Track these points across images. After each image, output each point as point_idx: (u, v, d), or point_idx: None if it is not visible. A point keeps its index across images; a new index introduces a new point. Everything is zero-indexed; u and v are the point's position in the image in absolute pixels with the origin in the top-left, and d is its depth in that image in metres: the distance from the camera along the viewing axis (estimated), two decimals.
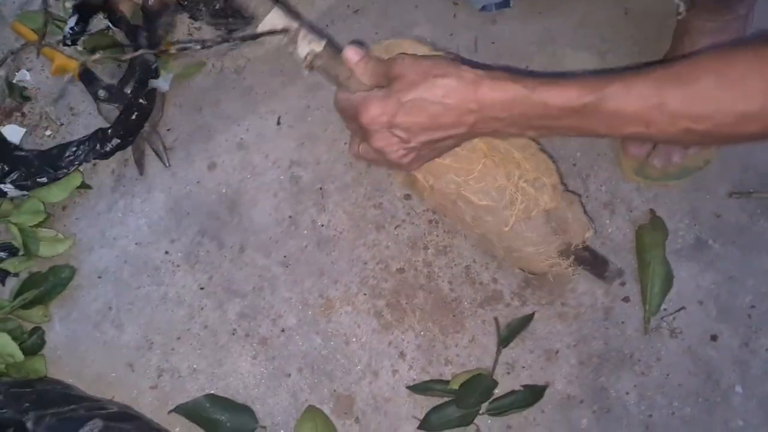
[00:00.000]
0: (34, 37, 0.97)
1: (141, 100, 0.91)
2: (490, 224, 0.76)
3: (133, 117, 0.91)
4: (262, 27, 0.66)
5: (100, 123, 0.96)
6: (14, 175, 0.85)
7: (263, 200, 0.94)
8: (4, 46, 0.99)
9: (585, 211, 0.84)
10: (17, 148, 0.89)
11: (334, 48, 0.68)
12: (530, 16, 1.04)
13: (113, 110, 0.95)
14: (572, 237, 0.81)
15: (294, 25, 0.67)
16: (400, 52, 0.74)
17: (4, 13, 1.01)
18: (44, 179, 0.86)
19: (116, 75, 0.98)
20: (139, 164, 0.94)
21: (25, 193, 0.86)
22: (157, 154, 0.94)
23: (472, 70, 0.63)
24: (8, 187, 0.84)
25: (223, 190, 0.94)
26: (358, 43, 0.70)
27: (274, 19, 0.66)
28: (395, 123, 0.64)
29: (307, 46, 0.67)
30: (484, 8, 1.04)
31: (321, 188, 0.95)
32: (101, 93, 0.95)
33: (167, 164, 0.94)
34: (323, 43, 0.67)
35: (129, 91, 0.92)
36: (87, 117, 0.97)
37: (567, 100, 0.60)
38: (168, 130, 0.97)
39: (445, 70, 0.63)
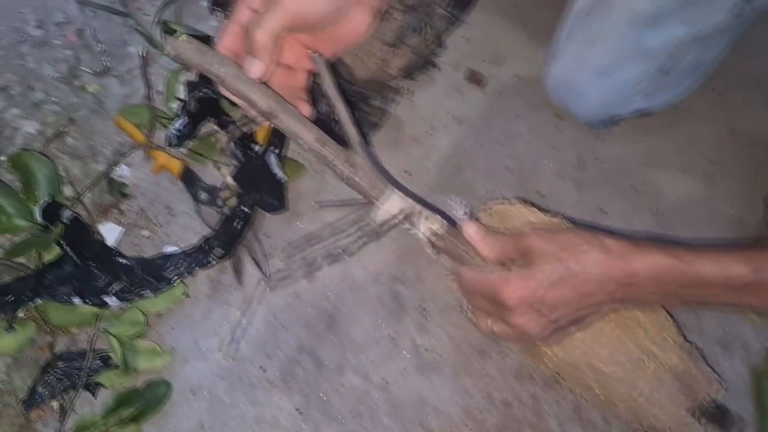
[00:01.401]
0: (136, 132, 0.95)
1: (245, 208, 0.89)
2: (618, 391, 0.73)
3: (237, 224, 0.89)
4: (381, 215, 0.64)
5: (197, 225, 0.94)
6: (117, 286, 0.82)
7: (363, 317, 0.91)
8: (105, 139, 0.97)
9: (706, 361, 0.80)
10: (119, 254, 0.86)
11: (455, 228, 0.66)
12: (636, 135, 1.02)
13: (213, 214, 0.93)
14: (699, 393, 0.77)
15: (412, 207, 0.65)
16: (511, 216, 0.73)
17: (107, 105, 1.00)
18: (148, 291, 0.83)
19: (217, 177, 0.96)
20: (238, 272, 0.91)
21: (126, 303, 0.84)
22: (257, 263, 0.92)
23: (617, 241, 0.61)
24: (111, 299, 0.82)
25: (322, 304, 0.91)
26: (463, 204, 0.69)
27: (393, 204, 0.64)
28: (542, 301, 0.61)
29: (427, 226, 0.65)
30: (589, 124, 1.02)
31: (423, 308, 0.91)
32: (202, 196, 0.93)
33: (267, 274, 0.91)
34: (443, 223, 0.65)
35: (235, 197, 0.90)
36: (185, 218, 0.95)
37: (726, 274, 0.58)
38: (267, 236, 0.95)
39: (589, 242, 0.60)
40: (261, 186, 0.91)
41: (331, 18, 0.60)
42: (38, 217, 0.81)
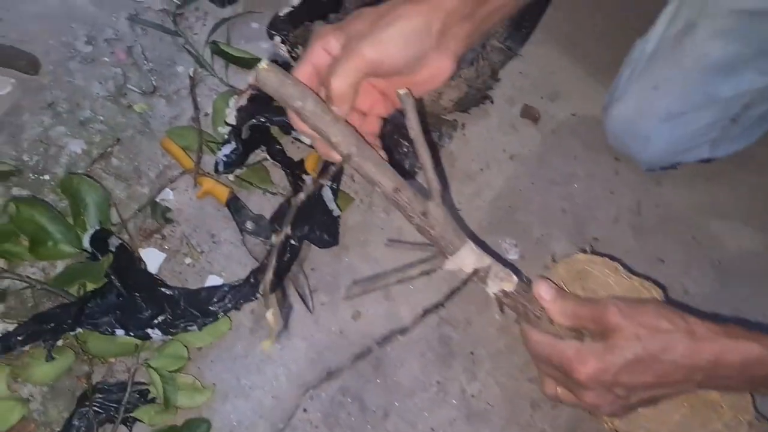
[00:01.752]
0: (183, 156, 0.93)
1: (293, 241, 0.86)
2: None
3: (285, 257, 0.86)
4: (452, 264, 0.61)
5: (242, 255, 0.91)
6: (160, 318, 0.79)
7: (410, 360, 0.87)
8: (151, 161, 0.94)
9: None
10: (163, 284, 0.83)
11: (524, 283, 0.63)
12: (696, 181, 0.99)
13: (259, 244, 0.90)
14: None
15: (485, 261, 0.61)
16: (590, 274, 0.69)
17: (153, 126, 0.97)
18: (192, 325, 0.80)
19: (264, 205, 0.93)
20: (282, 307, 0.88)
21: (168, 337, 0.81)
22: (302, 298, 0.89)
23: (702, 323, 0.57)
24: (155, 332, 0.79)
25: (368, 344, 0.88)
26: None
27: (466, 261, 0.61)
28: (617, 382, 0.58)
29: (498, 284, 0.61)
30: (648, 168, 0.98)
31: (472, 353, 0.88)
32: (248, 225, 0.90)
33: (311, 309, 0.88)
34: (515, 281, 0.61)
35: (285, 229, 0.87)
36: (229, 247, 0.92)
37: None
38: (311, 269, 0.92)
39: (674, 322, 0.57)
40: (313, 219, 0.88)
41: (411, 66, 0.56)
42: (87, 245, 0.79)
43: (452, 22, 0.55)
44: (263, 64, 0.53)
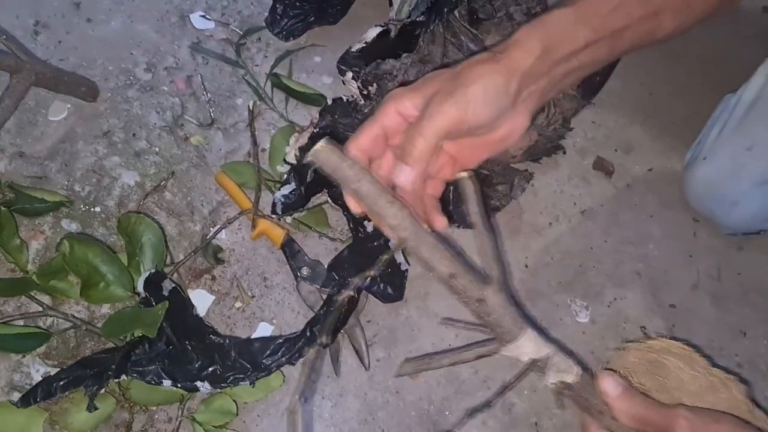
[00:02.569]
0: (238, 192, 0.88)
1: (353, 293, 0.81)
2: None
3: (345, 309, 0.80)
4: (509, 351, 0.55)
5: (294, 301, 0.86)
6: (210, 370, 0.74)
7: (470, 427, 0.81)
8: (205, 197, 0.90)
9: None
10: (214, 332, 0.78)
11: (587, 374, 0.56)
12: None
13: (314, 291, 0.85)
14: None
15: (545, 351, 0.55)
16: (664, 365, 0.62)
17: (209, 160, 0.93)
18: (243, 379, 0.74)
19: (320, 251, 0.88)
20: (335, 361, 0.83)
21: (217, 390, 0.75)
22: (357, 352, 0.83)
23: None
24: (204, 385, 0.73)
25: (425, 407, 0.82)
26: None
27: (524, 351, 0.55)
28: None
29: (558, 375, 0.55)
30: (731, 232, 0.92)
31: (536, 423, 0.81)
32: (304, 270, 0.85)
33: (368, 366, 0.83)
34: (577, 372, 0.55)
35: (340, 276, 0.82)
36: (281, 292, 0.87)
37: None
38: (368, 321, 0.86)
39: None
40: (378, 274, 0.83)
41: (489, 125, 0.55)
42: (140, 289, 0.74)
43: (529, 81, 0.55)
44: (321, 144, 0.51)
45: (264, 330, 0.84)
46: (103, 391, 0.75)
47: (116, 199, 0.86)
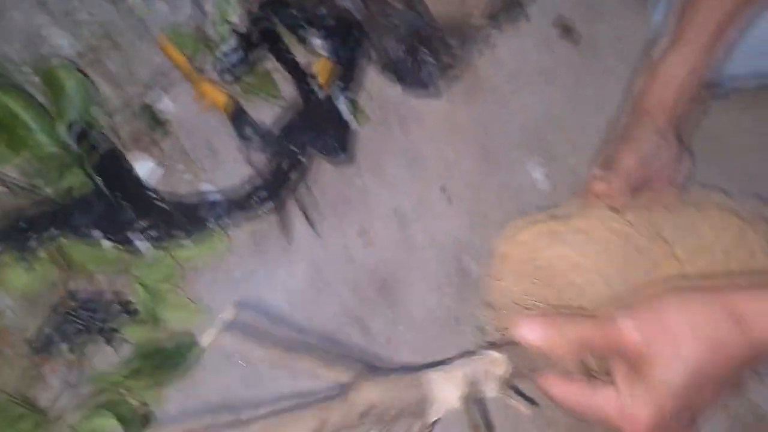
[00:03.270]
0: (180, 57, 0.84)
1: (300, 153, 0.78)
2: None
3: (288, 172, 0.77)
4: (436, 413, 0.44)
5: (244, 169, 0.83)
6: (149, 227, 0.71)
7: (422, 290, 0.79)
8: (145, 64, 0.85)
9: None
10: (152, 191, 0.75)
11: (512, 345, 0.46)
12: (744, 113, 0.89)
13: (264, 159, 0.82)
14: None
15: (459, 375, 0.44)
16: (539, 244, 0.55)
17: (149, 23, 0.88)
18: (182, 236, 0.72)
19: (270, 118, 0.85)
20: (285, 228, 0.80)
21: (157, 248, 0.73)
22: (307, 218, 0.80)
23: (747, 295, 0.43)
24: (141, 242, 0.71)
25: (376, 268, 0.80)
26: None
27: (440, 392, 0.44)
28: (673, 415, 0.43)
29: (492, 382, 0.45)
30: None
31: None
32: (252, 136, 0.82)
33: (316, 230, 0.80)
34: (502, 359, 0.45)
35: (287, 139, 0.79)
36: (231, 159, 0.83)
37: None
38: (320, 188, 0.83)
39: (707, 313, 0.42)
40: (324, 131, 0.79)
41: None
42: (66, 138, 0.70)
43: None
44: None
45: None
46: (40, 252, 0.72)
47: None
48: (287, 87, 0.86)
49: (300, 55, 0.86)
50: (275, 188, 0.78)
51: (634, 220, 0.55)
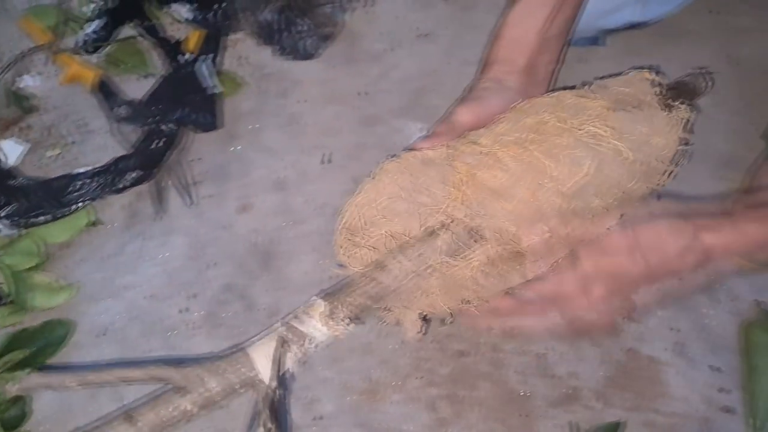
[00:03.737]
0: (45, 38, 0.82)
1: (169, 125, 0.76)
2: None
3: (159, 144, 0.76)
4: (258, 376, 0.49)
5: (116, 145, 0.81)
6: (10, 209, 0.70)
7: (302, 255, 0.79)
8: (6, 45, 0.83)
9: None
10: (14, 173, 0.74)
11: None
12: (625, 57, 0.90)
13: (133, 133, 0.80)
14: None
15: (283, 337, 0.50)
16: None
17: (9, 6, 0.85)
18: (45, 216, 0.71)
19: (140, 92, 0.83)
20: (158, 200, 0.79)
21: (20, 230, 0.71)
22: (181, 190, 0.80)
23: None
24: (2, 222, 0.69)
25: (257, 239, 0.80)
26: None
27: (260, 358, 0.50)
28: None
29: (318, 319, 0.51)
30: (574, 42, 0.89)
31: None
32: (121, 111, 0.80)
33: (191, 202, 0.79)
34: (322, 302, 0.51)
35: (156, 112, 0.77)
36: (102, 137, 0.82)
37: None
38: (197, 160, 0.82)
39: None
40: (190, 100, 0.78)
41: None
42: None
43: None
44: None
45: None
46: None
47: None
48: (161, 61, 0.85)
49: (177, 29, 0.85)
50: (145, 161, 0.76)
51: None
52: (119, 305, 0.75)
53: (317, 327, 0.50)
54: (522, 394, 0.74)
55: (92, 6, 0.83)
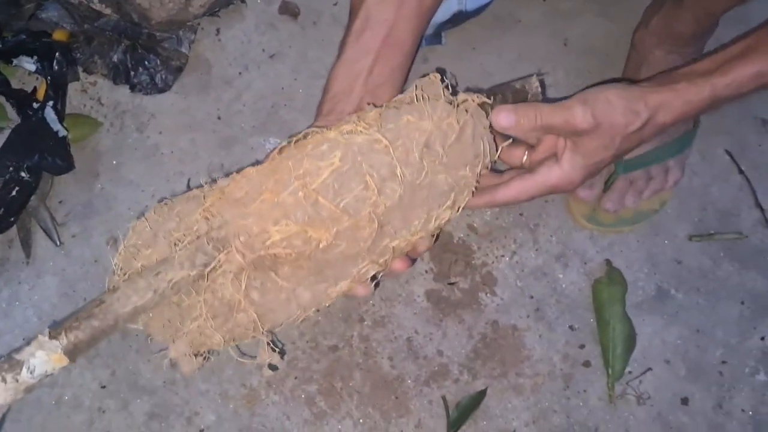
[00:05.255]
0: None
1: (25, 172, 0.79)
2: None
3: (14, 193, 0.79)
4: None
5: None
6: None
7: None
8: None
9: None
10: None
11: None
12: (464, 53, 0.96)
13: None
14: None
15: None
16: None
17: None
18: None
19: None
20: (25, 245, 0.81)
21: None
22: (46, 232, 0.82)
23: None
24: None
25: None
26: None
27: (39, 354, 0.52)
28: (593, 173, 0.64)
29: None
30: None
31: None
32: None
33: (58, 242, 0.82)
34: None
35: (11, 161, 0.80)
36: None
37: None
38: (59, 202, 0.85)
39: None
40: (43, 146, 0.81)
41: None
42: None
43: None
44: None
45: None
46: None
47: None
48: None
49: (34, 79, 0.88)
50: (6, 209, 0.79)
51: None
52: None
53: (34, 353, 0.50)
54: (394, 377, 0.78)
55: None
